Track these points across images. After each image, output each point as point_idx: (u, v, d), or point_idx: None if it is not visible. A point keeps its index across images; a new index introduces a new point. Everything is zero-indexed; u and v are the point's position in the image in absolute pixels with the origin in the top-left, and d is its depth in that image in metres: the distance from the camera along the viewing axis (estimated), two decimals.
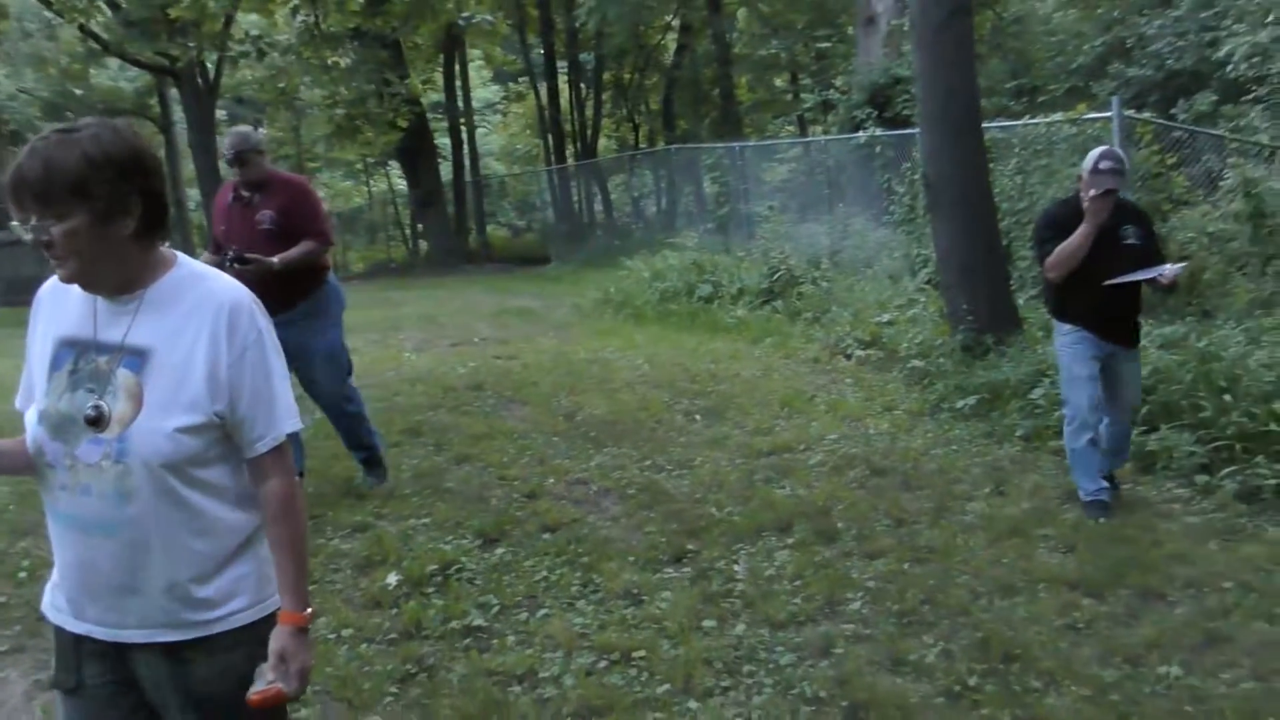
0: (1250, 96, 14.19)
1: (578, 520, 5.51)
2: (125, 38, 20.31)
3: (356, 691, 3.79)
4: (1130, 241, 5.38)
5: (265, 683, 2.05)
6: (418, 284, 20.57)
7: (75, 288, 2.05)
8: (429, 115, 28.45)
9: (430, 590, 4.68)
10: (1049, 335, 7.90)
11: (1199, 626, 4.07)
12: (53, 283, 2.14)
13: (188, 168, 33.85)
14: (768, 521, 5.38)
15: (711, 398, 8.18)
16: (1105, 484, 5.48)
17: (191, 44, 19.95)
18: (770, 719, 3.54)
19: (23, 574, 4.89)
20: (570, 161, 29.50)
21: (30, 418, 2.08)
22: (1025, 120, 11.37)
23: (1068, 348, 5.55)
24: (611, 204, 27.81)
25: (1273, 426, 5.76)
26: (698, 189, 21.44)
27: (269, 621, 2.13)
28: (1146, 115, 11.31)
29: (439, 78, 29.04)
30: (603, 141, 32.85)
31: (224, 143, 5.64)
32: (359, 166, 35.70)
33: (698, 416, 7.64)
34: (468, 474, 6.31)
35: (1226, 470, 5.62)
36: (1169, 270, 5.27)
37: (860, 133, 14.76)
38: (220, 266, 5.37)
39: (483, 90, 37.41)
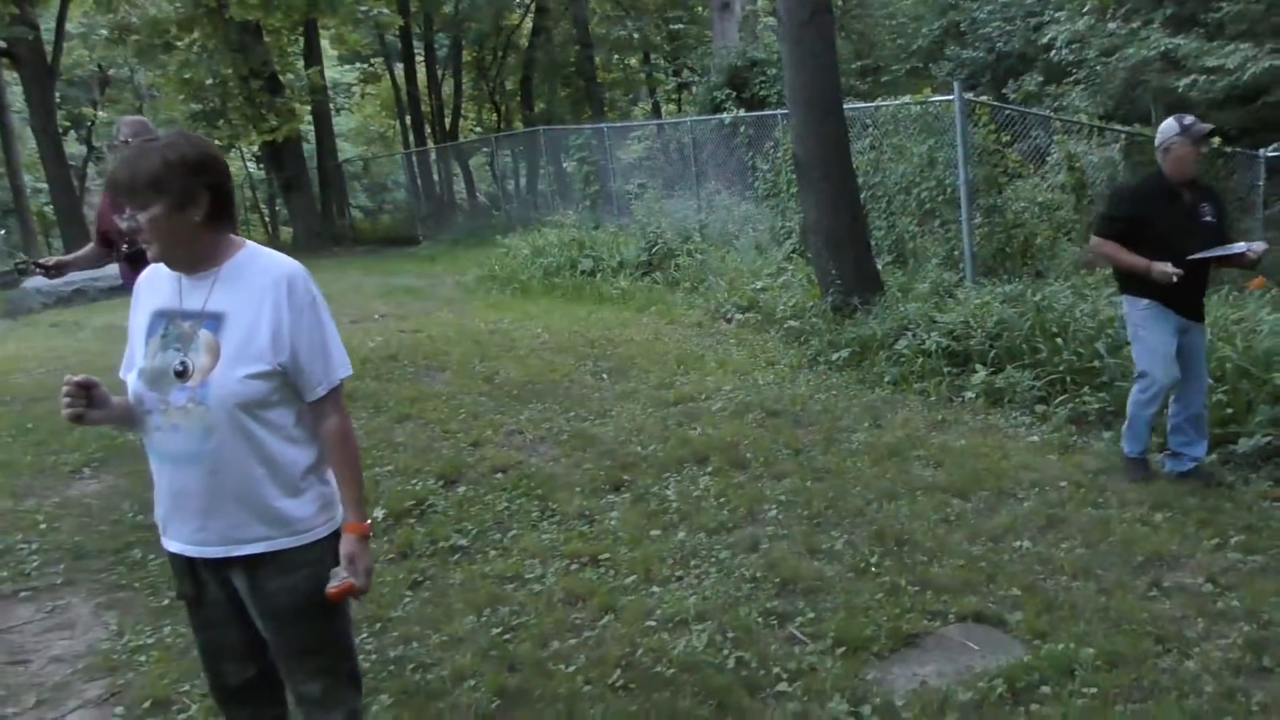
0: (1071, 79, 15.72)
1: (522, 462, 6.34)
2: None
3: (378, 596, 4.57)
4: (1208, 219, 5.48)
5: (339, 579, 2.62)
6: None
7: (165, 271, 2.63)
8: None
9: (411, 521, 5.46)
10: (906, 296, 9.07)
11: (1042, 513, 5.18)
12: (148, 272, 2.73)
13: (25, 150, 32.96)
14: (686, 455, 6.30)
15: (612, 359, 9.05)
16: (1146, 449, 5.68)
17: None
18: (720, 595, 4.46)
19: (42, 525, 5.49)
20: (430, 143, 29.89)
21: (131, 378, 2.67)
22: (878, 102, 12.47)
23: (1148, 322, 5.52)
24: (474, 184, 28.33)
25: (1095, 363, 6.98)
26: (557, 168, 22.15)
27: (326, 543, 2.64)
28: (984, 98, 12.55)
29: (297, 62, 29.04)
30: (462, 122, 33.23)
31: (123, 130, 5.63)
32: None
33: (604, 376, 8.51)
34: (413, 430, 7.04)
35: (1060, 400, 6.83)
36: (1257, 246, 5.35)
37: (724, 114, 15.73)
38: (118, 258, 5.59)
39: (330, 71, 37.30)
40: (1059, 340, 7.30)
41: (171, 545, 2.69)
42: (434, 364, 9.07)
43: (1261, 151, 14.49)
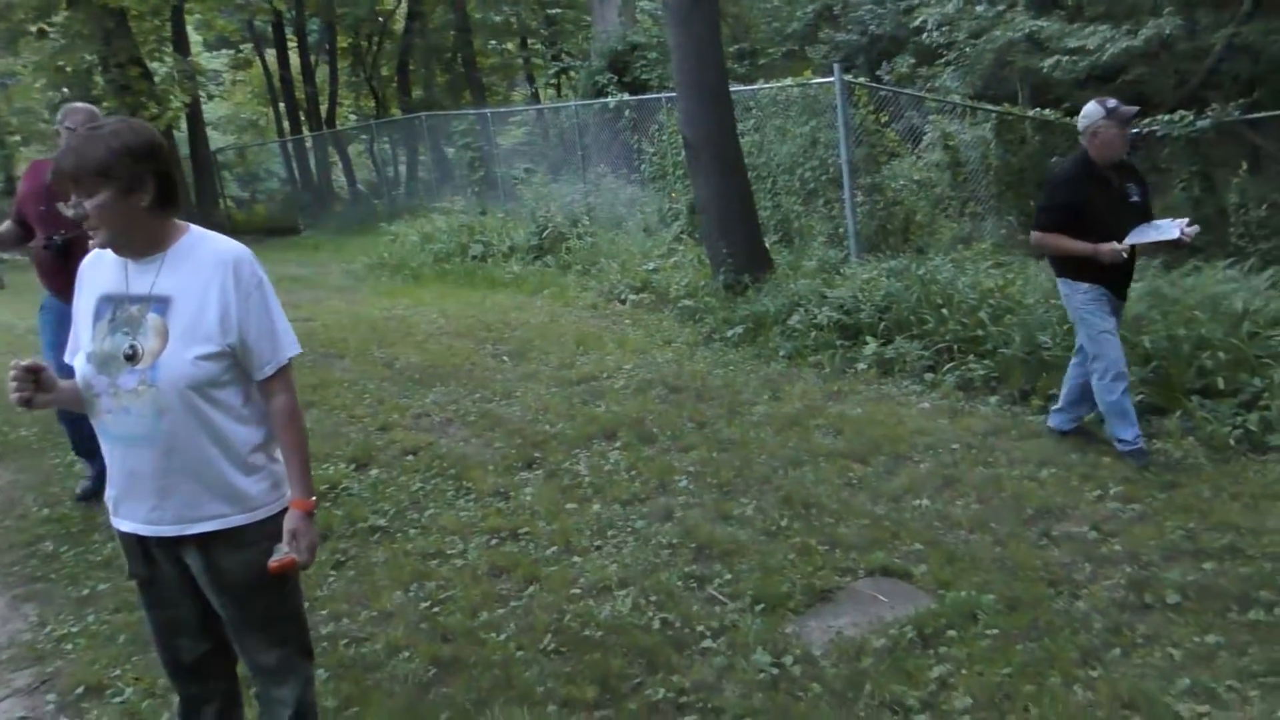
0: (942, 60, 16.21)
1: (433, 444, 6.41)
2: None
3: (303, 576, 4.61)
4: (1135, 199, 5.55)
5: (281, 554, 2.69)
6: None
7: (110, 256, 2.66)
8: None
9: (327, 504, 5.50)
10: (796, 273, 9.35)
11: (938, 474, 5.47)
12: (90, 257, 2.75)
13: None
14: (595, 431, 6.45)
15: (511, 342, 9.15)
16: (1139, 431, 5.52)
17: None
18: (639, 562, 4.63)
19: None
20: (306, 130, 29.36)
21: (79, 361, 2.69)
22: (760, 85, 12.74)
23: (1090, 304, 5.55)
24: (354, 172, 27.97)
25: (979, 332, 7.32)
26: (439, 154, 21.93)
27: (279, 519, 2.69)
28: (862, 79, 12.90)
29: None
30: (339, 109, 32.70)
31: (70, 116, 5.19)
32: None
33: (505, 358, 8.60)
34: (318, 416, 7.05)
35: (948, 368, 7.14)
36: (1190, 230, 5.35)
37: (607, 97, 15.83)
38: (46, 247, 5.25)
39: (198, 57, 36.31)
40: (944, 311, 7.63)
41: (123, 525, 2.72)
42: (332, 351, 9.07)
43: None
